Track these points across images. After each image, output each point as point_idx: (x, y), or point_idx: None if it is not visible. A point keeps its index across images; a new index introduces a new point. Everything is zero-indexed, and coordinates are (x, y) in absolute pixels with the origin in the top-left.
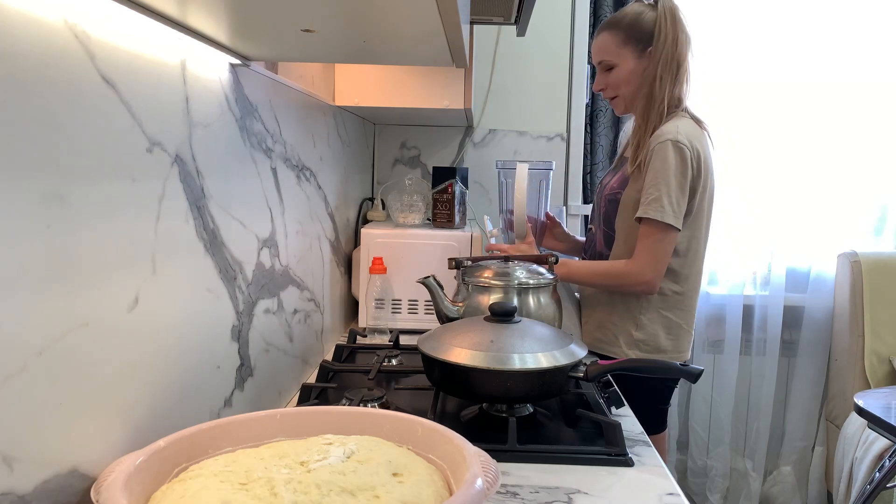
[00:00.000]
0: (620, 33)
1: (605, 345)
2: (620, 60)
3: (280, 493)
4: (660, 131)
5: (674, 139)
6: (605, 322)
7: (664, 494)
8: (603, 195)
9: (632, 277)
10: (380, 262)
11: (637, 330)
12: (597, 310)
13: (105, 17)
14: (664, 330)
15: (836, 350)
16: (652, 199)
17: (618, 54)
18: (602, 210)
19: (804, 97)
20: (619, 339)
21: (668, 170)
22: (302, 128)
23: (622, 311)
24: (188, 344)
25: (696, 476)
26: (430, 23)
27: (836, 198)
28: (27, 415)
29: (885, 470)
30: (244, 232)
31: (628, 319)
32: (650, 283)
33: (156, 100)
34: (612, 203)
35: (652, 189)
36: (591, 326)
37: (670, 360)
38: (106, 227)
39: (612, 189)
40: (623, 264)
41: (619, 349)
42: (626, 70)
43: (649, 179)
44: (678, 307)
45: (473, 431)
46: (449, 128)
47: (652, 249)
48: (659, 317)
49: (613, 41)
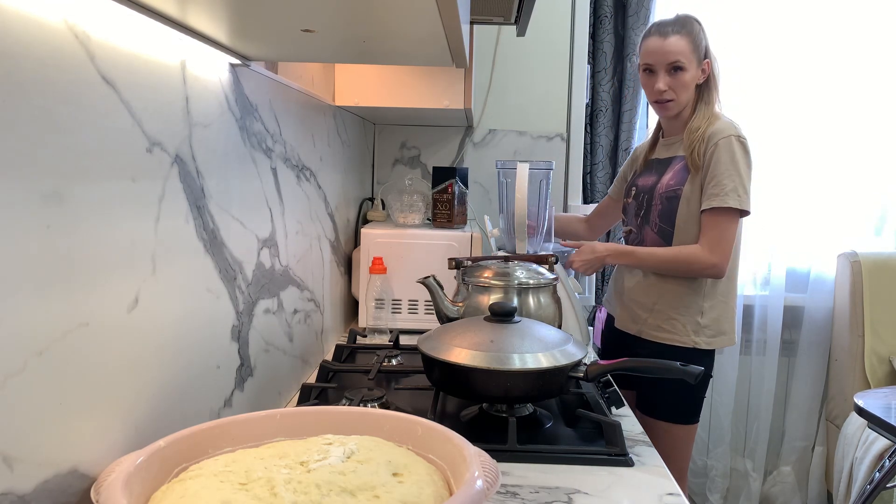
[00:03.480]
0: (692, 41)
1: (671, 335)
2: (690, 66)
3: (280, 493)
4: (716, 129)
5: (736, 135)
6: (669, 313)
7: (664, 494)
8: (657, 193)
9: (704, 262)
10: (380, 262)
11: (702, 317)
12: (657, 303)
13: (105, 17)
14: (724, 314)
15: (836, 350)
16: (730, 189)
17: (689, 59)
18: (658, 207)
19: (804, 97)
20: (688, 328)
21: (738, 161)
22: (302, 128)
23: (688, 300)
24: (188, 344)
25: (696, 476)
26: (430, 23)
27: (836, 198)
28: (27, 415)
29: (885, 470)
30: (244, 232)
31: (694, 308)
32: (720, 267)
33: (156, 100)
34: (672, 200)
35: (726, 180)
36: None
37: (729, 341)
38: (106, 227)
39: (669, 187)
40: (696, 249)
41: (688, 337)
42: (691, 76)
43: (720, 171)
44: (731, 292)
45: (473, 431)
46: (449, 128)
47: (725, 236)
48: (719, 303)
49: (688, 47)
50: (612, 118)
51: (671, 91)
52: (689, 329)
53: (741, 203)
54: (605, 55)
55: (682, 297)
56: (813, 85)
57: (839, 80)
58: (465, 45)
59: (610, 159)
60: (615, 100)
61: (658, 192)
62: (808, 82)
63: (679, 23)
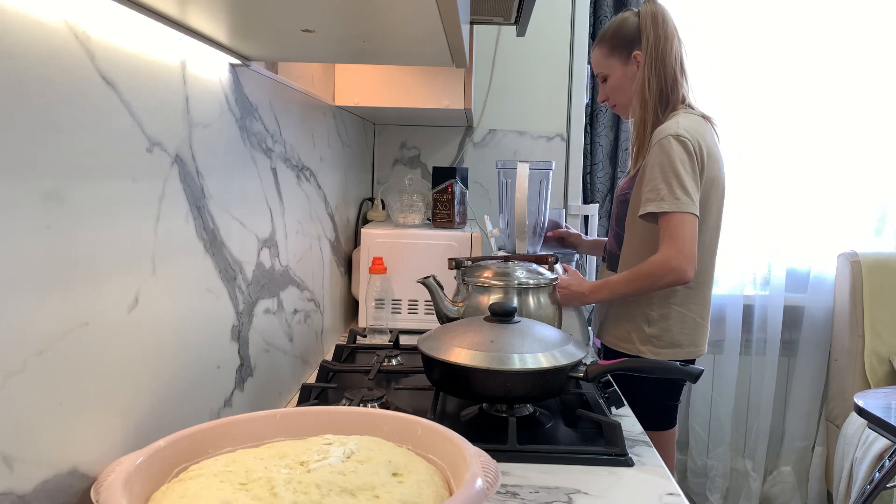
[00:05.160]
0: (605, 45)
1: (620, 342)
2: (610, 71)
3: (280, 493)
4: (660, 129)
5: (674, 133)
6: (618, 319)
7: (664, 494)
8: (616, 198)
9: (660, 270)
10: (380, 262)
11: (649, 326)
12: (611, 308)
13: (105, 17)
14: (678, 325)
15: (836, 350)
16: (665, 193)
17: (606, 66)
18: (616, 212)
19: (804, 97)
20: (633, 336)
21: (675, 162)
22: (302, 128)
23: (634, 307)
24: (188, 344)
25: (696, 476)
26: (430, 23)
27: (836, 198)
28: (27, 415)
29: (885, 470)
30: (244, 232)
31: (639, 316)
32: (680, 271)
33: (156, 100)
34: (623, 203)
35: (661, 184)
36: (609, 325)
37: (687, 354)
38: (106, 227)
39: (622, 190)
40: (649, 261)
41: (633, 345)
42: (615, 78)
43: (655, 174)
44: (691, 301)
45: (473, 431)
46: (449, 128)
47: (674, 238)
48: (671, 311)
49: (601, 54)
50: (612, 118)
51: (610, 98)
52: (635, 337)
53: (680, 206)
54: None
55: (629, 304)
56: (813, 85)
57: (839, 81)
58: (465, 45)
59: (610, 159)
60: None
61: (616, 196)
62: (808, 82)
63: (603, 29)
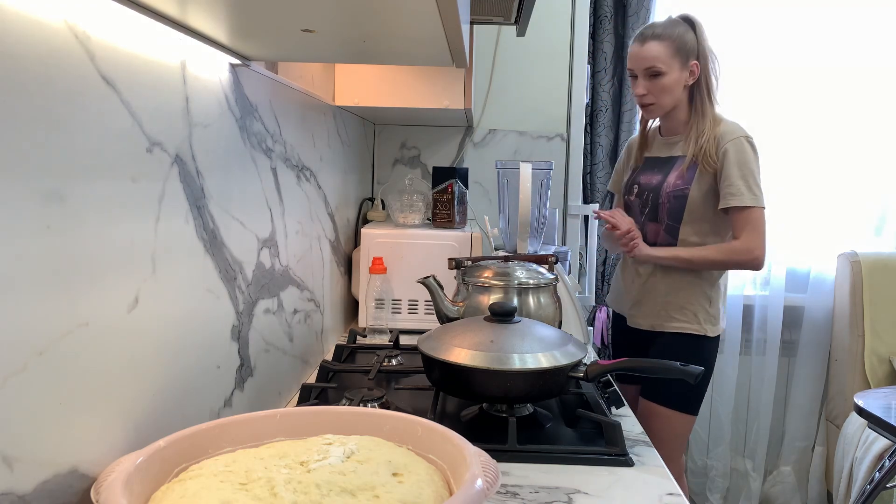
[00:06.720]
0: (672, 45)
1: (687, 324)
2: (670, 70)
3: (280, 493)
4: (725, 130)
5: (745, 136)
6: (681, 307)
7: (664, 494)
8: (664, 192)
9: (743, 255)
10: (380, 262)
11: (710, 305)
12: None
13: (105, 17)
14: (722, 302)
15: (836, 350)
16: (744, 189)
17: (668, 64)
18: (666, 206)
19: (804, 98)
20: (699, 317)
21: (750, 161)
22: (302, 128)
23: (696, 289)
24: (188, 344)
25: (696, 476)
26: (430, 23)
27: (836, 198)
28: (27, 415)
29: (885, 470)
30: (244, 232)
31: (702, 297)
32: (760, 259)
33: (156, 100)
34: (680, 198)
35: (740, 181)
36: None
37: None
38: (106, 227)
39: (676, 186)
40: (731, 244)
41: (700, 326)
42: (671, 80)
43: (734, 173)
44: (726, 283)
45: (473, 431)
46: (449, 128)
47: (756, 230)
48: (720, 290)
49: (666, 51)
50: (612, 118)
51: (651, 95)
52: (700, 317)
53: (756, 201)
54: (605, 55)
55: (692, 286)
56: (813, 86)
57: (839, 81)
58: (465, 45)
59: (610, 159)
60: (615, 100)
61: (665, 191)
62: (808, 83)
63: (662, 27)
